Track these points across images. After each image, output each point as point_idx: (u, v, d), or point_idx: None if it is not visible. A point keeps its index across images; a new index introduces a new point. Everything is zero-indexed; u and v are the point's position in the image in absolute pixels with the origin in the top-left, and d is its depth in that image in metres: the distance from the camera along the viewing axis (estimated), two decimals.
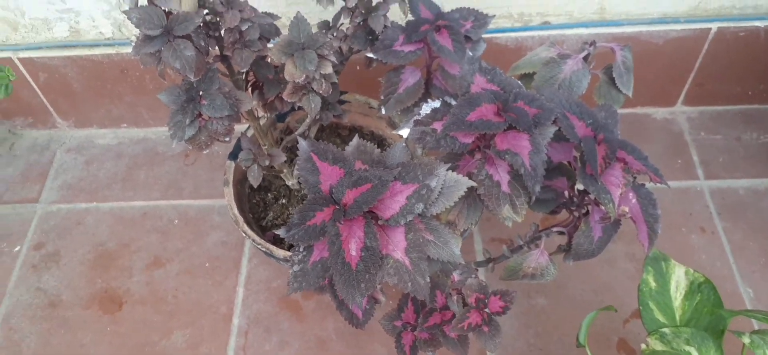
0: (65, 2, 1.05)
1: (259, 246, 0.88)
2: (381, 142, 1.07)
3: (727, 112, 1.22)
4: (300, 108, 0.80)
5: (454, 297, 0.67)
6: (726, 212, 1.08)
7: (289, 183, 0.98)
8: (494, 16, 0.81)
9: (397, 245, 0.61)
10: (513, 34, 1.09)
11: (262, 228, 0.99)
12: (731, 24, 1.07)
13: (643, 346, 0.70)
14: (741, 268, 1.02)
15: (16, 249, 1.12)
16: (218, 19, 0.72)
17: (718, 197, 1.11)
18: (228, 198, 0.93)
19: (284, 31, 0.73)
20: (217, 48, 0.75)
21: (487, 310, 0.66)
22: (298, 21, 0.72)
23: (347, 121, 1.08)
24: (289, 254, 0.86)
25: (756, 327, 0.93)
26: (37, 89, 1.21)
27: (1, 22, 1.09)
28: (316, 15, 0.95)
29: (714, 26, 1.07)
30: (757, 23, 1.06)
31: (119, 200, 1.18)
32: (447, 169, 0.62)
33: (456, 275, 0.67)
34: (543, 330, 0.97)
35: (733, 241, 1.05)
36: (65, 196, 1.19)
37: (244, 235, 0.89)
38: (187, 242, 1.11)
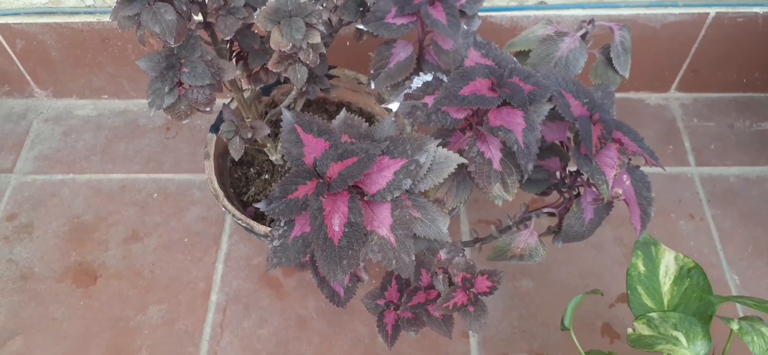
0: None
1: (239, 221, 0.85)
2: (370, 119, 1.04)
3: (721, 100, 1.21)
4: (286, 81, 0.77)
5: (440, 276, 0.65)
6: (716, 200, 1.07)
7: (272, 158, 0.95)
8: None
9: (382, 222, 0.59)
10: (508, 13, 1.06)
11: (243, 204, 0.96)
12: (730, 9, 1.05)
13: (630, 330, 0.69)
14: (728, 255, 1.01)
15: None
16: None
17: (708, 184, 1.10)
18: (208, 172, 0.90)
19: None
20: (200, 14, 0.72)
21: (473, 290, 0.64)
22: None
23: (335, 97, 1.05)
24: (269, 230, 0.84)
25: (741, 315, 0.93)
26: (13, 57, 1.17)
27: None
28: None
29: (713, 11, 1.05)
30: (756, 9, 1.04)
31: (97, 172, 1.14)
32: (437, 145, 0.60)
33: (443, 254, 0.65)
34: (527, 313, 0.96)
35: (722, 228, 1.04)
36: (41, 167, 1.15)
37: (224, 210, 0.87)
38: (166, 217, 1.08)
